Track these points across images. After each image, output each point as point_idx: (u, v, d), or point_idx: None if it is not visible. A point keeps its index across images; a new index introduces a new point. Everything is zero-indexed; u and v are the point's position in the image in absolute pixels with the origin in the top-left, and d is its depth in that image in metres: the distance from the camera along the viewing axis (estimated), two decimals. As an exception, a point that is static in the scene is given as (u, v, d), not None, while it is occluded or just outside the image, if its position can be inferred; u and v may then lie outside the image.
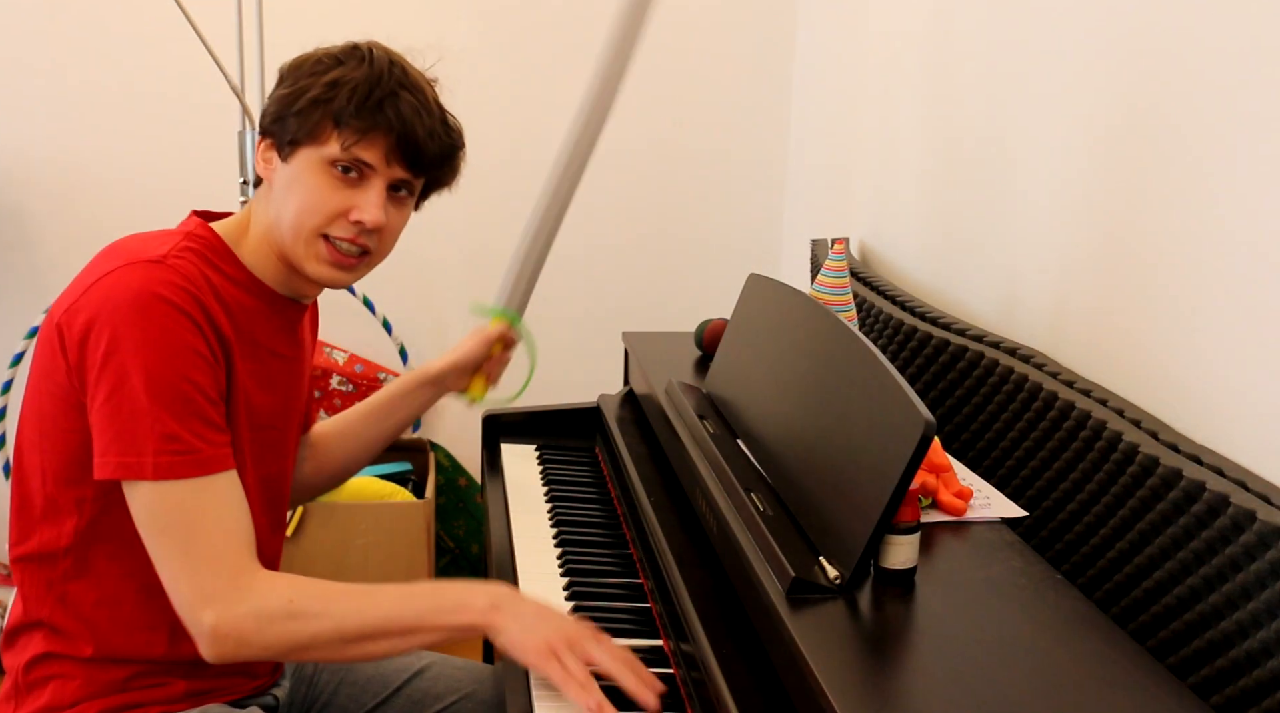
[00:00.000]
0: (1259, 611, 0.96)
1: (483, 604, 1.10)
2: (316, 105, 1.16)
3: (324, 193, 1.18)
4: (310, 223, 1.18)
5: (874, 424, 1.06)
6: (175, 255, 1.12)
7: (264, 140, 1.22)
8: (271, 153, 1.21)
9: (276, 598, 1.08)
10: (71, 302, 1.10)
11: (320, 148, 1.17)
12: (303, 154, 1.18)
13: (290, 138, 1.18)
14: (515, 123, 2.63)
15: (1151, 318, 1.22)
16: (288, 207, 1.18)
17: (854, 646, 0.96)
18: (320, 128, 1.17)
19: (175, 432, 1.06)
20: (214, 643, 1.07)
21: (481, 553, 2.77)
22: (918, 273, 1.88)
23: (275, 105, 1.20)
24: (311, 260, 1.20)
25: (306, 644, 1.09)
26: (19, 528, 1.17)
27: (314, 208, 1.18)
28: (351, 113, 1.16)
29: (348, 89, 1.16)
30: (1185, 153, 1.17)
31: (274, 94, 1.21)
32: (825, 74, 2.51)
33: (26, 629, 1.19)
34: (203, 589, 1.07)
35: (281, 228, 1.19)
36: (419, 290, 2.75)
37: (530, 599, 1.13)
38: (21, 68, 2.53)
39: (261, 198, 1.23)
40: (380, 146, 1.18)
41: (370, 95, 1.16)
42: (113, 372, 1.06)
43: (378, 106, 1.17)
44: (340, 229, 1.19)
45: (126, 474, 1.06)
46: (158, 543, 1.08)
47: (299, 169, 1.18)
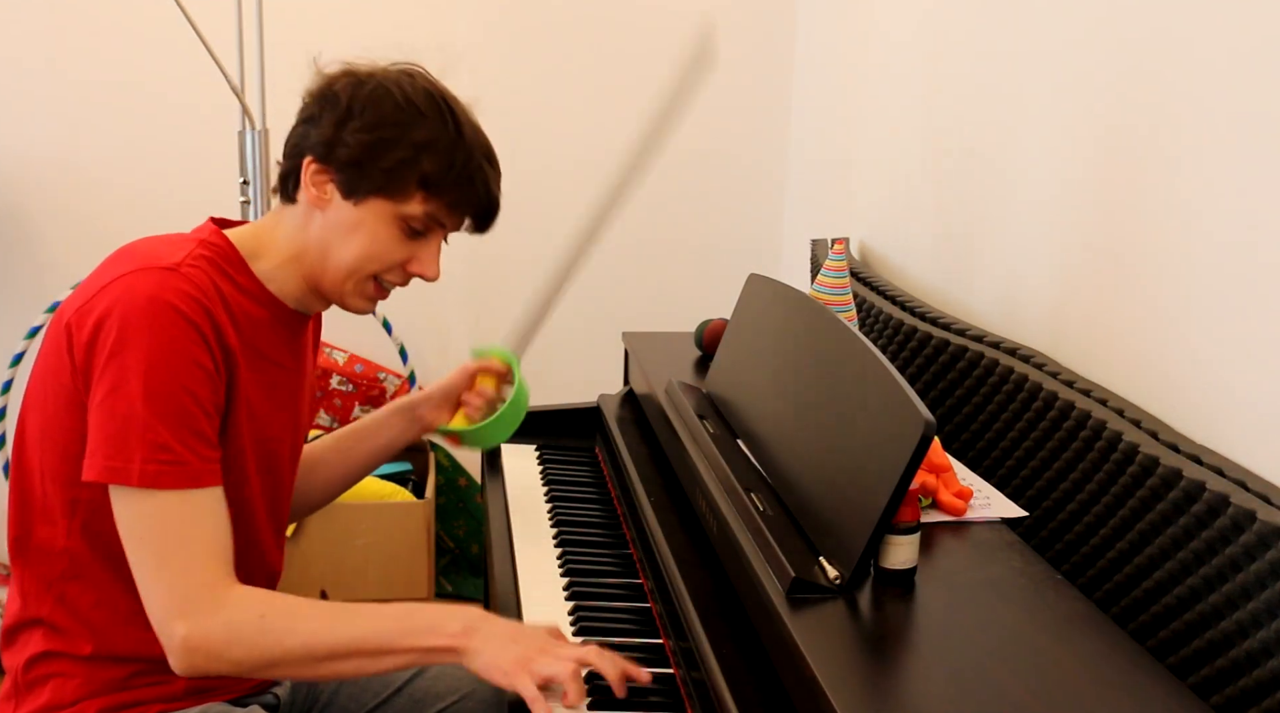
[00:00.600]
0: (1259, 611, 0.96)
1: (455, 628, 1.09)
2: (405, 166, 1.16)
3: (391, 245, 1.20)
4: (369, 269, 1.20)
5: (874, 424, 1.06)
6: (189, 263, 1.12)
7: (321, 167, 1.18)
8: (330, 185, 1.18)
9: (249, 613, 1.07)
10: (83, 302, 1.10)
11: (399, 205, 1.18)
12: (377, 204, 1.18)
13: (369, 188, 1.17)
14: (517, 125, 2.63)
15: (1151, 318, 1.22)
16: (347, 248, 1.19)
17: (854, 646, 0.96)
18: (405, 186, 1.17)
19: (167, 441, 1.06)
20: (184, 655, 1.06)
21: (481, 553, 2.77)
22: (918, 273, 1.88)
23: (355, 150, 1.16)
24: (354, 297, 1.23)
25: (277, 660, 1.08)
26: (18, 526, 1.17)
27: (377, 257, 1.20)
28: (446, 184, 1.18)
29: (443, 158, 1.17)
30: (1185, 153, 1.17)
31: (346, 130, 1.16)
32: (825, 74, 2.51)
33: (26, 628, 1.19)
34: (176, 601, 1.06)
35: (329, 262, 1.20)
36: (419, 290, 2.73)
37: (504, 622, 1.12)
38: (21, 68, 2.53)
39: (297, 218, 1.21)
40: (461, 215, 1.22)
41: (465, 168, 1.19)
42: (114, 373, 1.06)
43: (469, 180, 1.20)
44: (394, 276, 1.23)
45: (112, 478, 1.06)
46: (136, 550, 1.08)
47: (369, 217, 1.18)
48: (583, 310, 2.81)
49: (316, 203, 1.19)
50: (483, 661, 1.07)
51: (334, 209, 1.19)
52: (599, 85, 2.72)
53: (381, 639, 1.09)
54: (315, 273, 1.21)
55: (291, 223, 1.22)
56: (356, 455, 1.48)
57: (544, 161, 2.70)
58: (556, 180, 2.72)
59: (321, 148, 1.18)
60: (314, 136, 1.18)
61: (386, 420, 1.48)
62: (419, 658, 1.10)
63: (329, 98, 1.19)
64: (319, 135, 1.18)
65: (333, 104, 1.18)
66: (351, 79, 1.19)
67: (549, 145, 2.71)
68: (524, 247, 2.29)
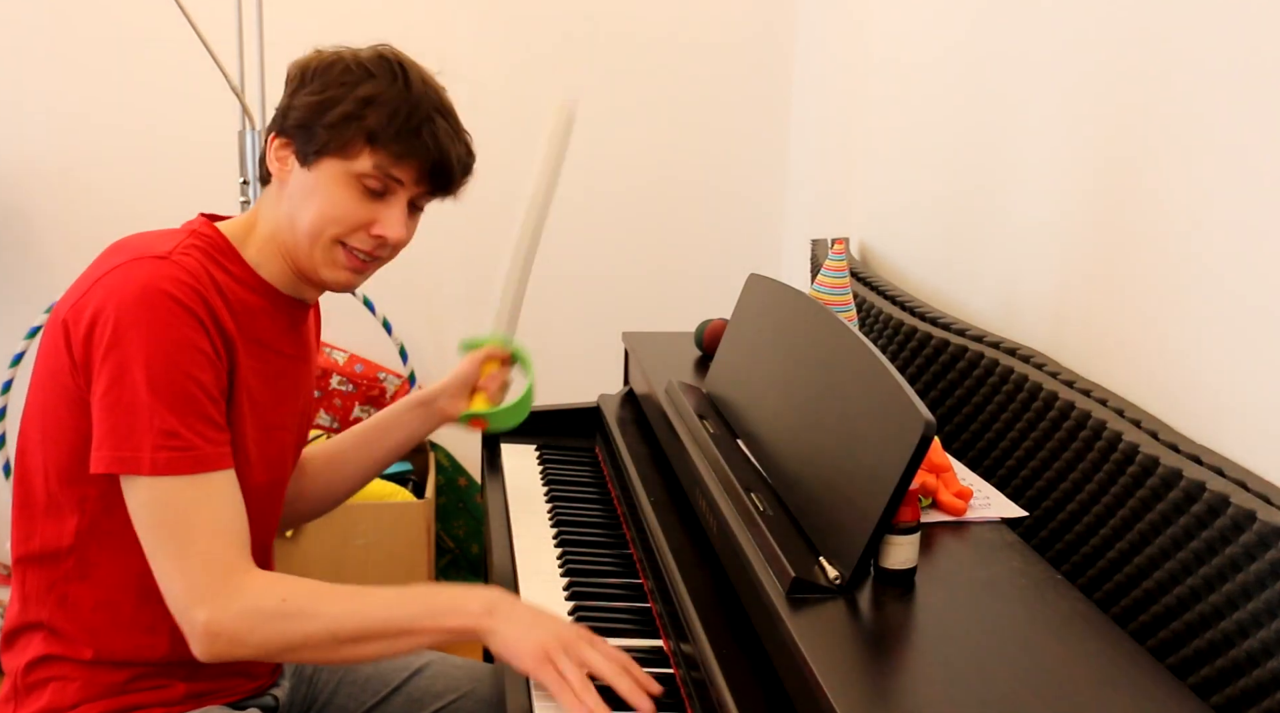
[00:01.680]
0: (1259, 611, 0.96)
1: (477, 608, 1.10)
2: (349, 120, 1.16)
3: (348, 205, 1.18)
4: (330, 232, 1.19)
5: (874, 424, 1.06)
6: (181, 252, 1.12)
7: (280, 139, 1.20)
8: (288, 154, 1.20)
9: (270, 598, 1.08)
10: (77, 298, 1.10)
11: (349, 162, 1.17)
12: (328, 164, 1.17)
13: (317, 147, 1.17)
14: (514, 122, 2.63)
15: (1151, 318, 1.22)
16: (306, 213, 1.18)
17: (854, 646, 0.96)
18: (352, 143, 1.16)
19: (174, 428, 1.06)
20: (207, 641, 1.07)
21: (481, 553, 2.77)
22: (918, 273, 1.88)
23: (302, 112, 1.17)
24: (326, 266, 1.21)
25: (299, 644, 1.09)
26: (21, 528, 1.17)
27: (336, 218, 1.18)
28: (390, 135, 1.16)
29: (386, 109, 1.16)
30: (1185, 153, 1.17)
31: (297, 96, 1.19)
32: (825, 74, 2.51)
33: (26, 631, 1.18)
34: (196, 587, 1.06)
35: (296, 231, 1.19)
36: (419, 290, 2.74)
37: (525, 604, 1.13)
38: (22, 68, 2.53)
39: (270, 198, 1.22)
40: (413, 169, 1.19)
41: (410, 118, 1.17)
42: (114, 364, 1.06)
43: (415, 131, 1.17)
44: (359, 240, 1.20)
45: (123, 468, 1.06)
46: (152, 539, 1.08)
47: (323, 179, 1.18)
48: (583, 310, 2.81)
49: (280, 176, 1.20)
50: (503, 642, 1.08)
51: (294, 178, 1.19)
52: (598, 85, 2.72)
53: (403, 621, 1.10)
54: (289, 249, 1.21)
55: (268, 204, 1.22)
56: (379, 450, 1.49)
57: (544, 161, 2.69)
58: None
59: (278, 119, 1.20)
60: (276, 113, 1.21)
61: (406, 415, 1.48)
62: (440, 638, 1.11)
63: (291, 75, 1.21)
64: (279, 110, 1.21)
65: (291, 78, 1.21)
66: (314, 55, 1.21)
67: (549, 145, 2.70)
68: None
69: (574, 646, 1.06)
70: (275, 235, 1.21)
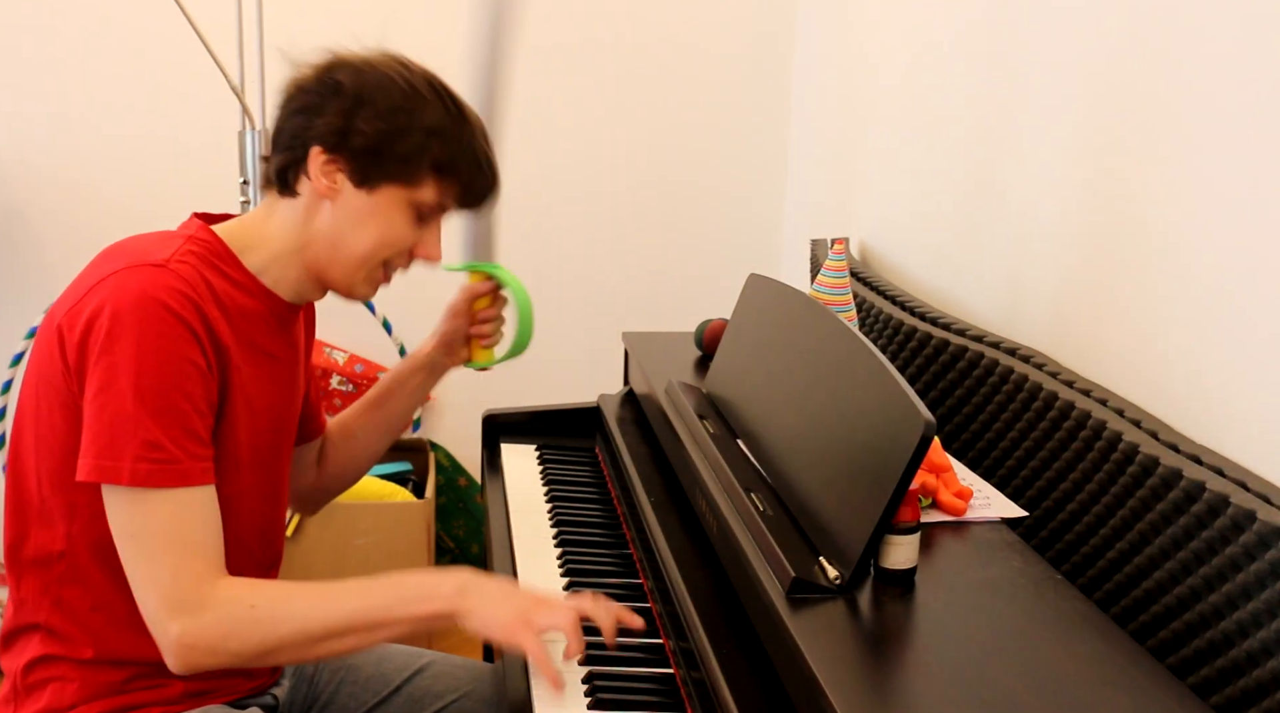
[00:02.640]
0: (1259, 611, 0.96)
1: (448, 591, 1.10)
2: (419, 152, 1.18)
3: (404, 231, 1.21)
4: (382, 256, 1.22)
5: (874, 424, 1.06)
6: (178, 259, 1.12)
7: (330, 157, 1.17)
8: (340, 175, 1.18)
9: (239, 605, 1.08)
10: (73, 303, 1.09)
11: (413, 191, 1.20)
12: (391, 191, 1.19)
13: (384, 175, 1.18)
14: (515, 124, 2.63)
15: (1151, 318, 1.22)
16: (361, 237, 1.19)
17: (854, 646, 0.96)
18: (418, 172, 1.19)
19: (158, 440, 1.06)
20: (181, 653, 1.07)
21: (481, 553, 2.77)
22: (918, 273, 1.88)
23: (370, 139, 1.16)
24: (364, 285, 1.24)
25: (274, 647, 1.09)
26: (14, 531, 1.17)
27: (390, 243, 1.21)
28: (457, 169, 1.20)
29: (452, 142, 1.20)
30: (1186, 153, 1.17)
31: (359, 119, 1.16)
32: (825, 74, 2.51)
33: (24, 632, 1.18)
34: (168, 600, 1.06)
35: (340, 251, 1.20)
36: (419, 290, 2.74)
37: (495, 580, 1.14)
38: (21, 68, 2.53)
39: (297, 210, 1.20)
40: (465, 196, 1.24)
41: (471, 152, 1.21)
42: (104, 371, 1.05)
43: (477, 164, 1.22)
44: (401, 261, 1.25)
45: (103, 477, 1.06)
46: (127, 549, 1.08)
47: (383, 205, 1.19)
48: (583, 310, 2.81)
49: (326, 193, 1.19)
50: (478, 619, 1.09)
51: (345, 198, 1.19)
52: (599, 85, 2.72)
53: (375, 613, 1.10)
54: (321, 264, 1.21)
55: (291, 215, 1.21)
56: (391, 415, 1.49)
57: (542, 162, 2.70)
58: (555, 180, 2.72)
59: (332, 138, 1.17)
60: (320, 127, 1.17)
61: (408, 377, 1.48)
62: (416, 626, 1.11)
63: (330, 86, 1.18)
64: (326, 125, 1.17)
65: (335, 92, 1.17)
66: (348, 67, 1.19)
67: (547, 145, 2.71)
68: (524, 246, 2.29)
69: (546, 608, 1.09)
70: (302, 248, 1.21)
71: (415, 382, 1.48)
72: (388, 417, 1.49)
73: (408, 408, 1.50)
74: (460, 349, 1.49)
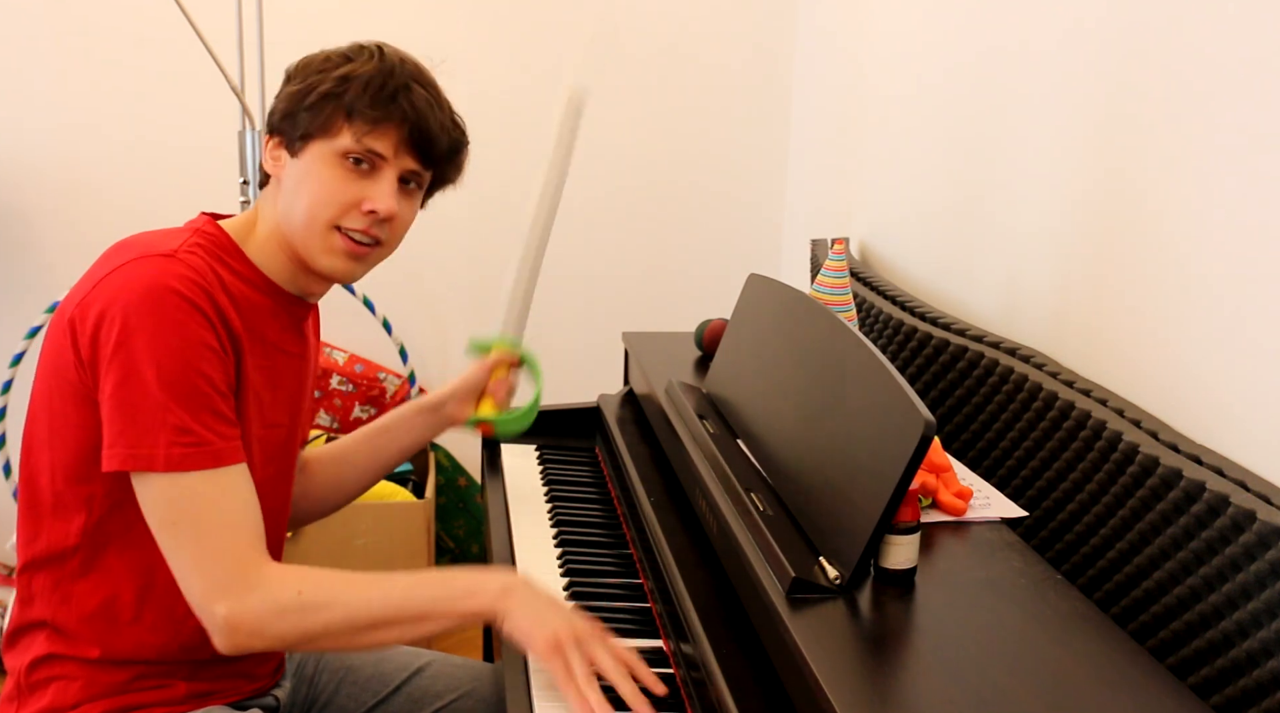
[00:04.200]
0: (1259, 611, 0.96)
1: (495, 590, 1.11)
2: (328, 99, 1.17)
3: (336, 184, 1.18)
4: (324, 215, 1.19)
5: (874, 424, 1.06)
6: (186, 250, 1.13)
7: (272, 138, 1.22)
8: (280, 150, 1.21)
9: (287, 589, 1.09)
10: (83, 296, 1.10)
11: (332, 140, 1.18)
12: (314, 148, 1.18)
13: (301, 133, 1.18)
14: (514, 121, 2.64)
15: (1152, 318, 1.22)
16: (299, 201, 1.19)
17: (854, 646, 0.96)
18: (332, 121, 1.18)
19: (187, 424, 1.07)
20: (227, 634, 1.08)
21: (481, 553, 2.77)
22: (918, 273, 1.88)
23: (284, 103, 1.20)
24: (325, 253, 1.20)
25: (318, 634, 1.10)
26: (28, 529, 1.17)
27: (326, 200, 1.18)
28: (365, 104, 1.17)
29: (360, 81, 1.18)
30: (1186, 153, 1.17)
31: (282, 92, 1.22)
32: (826, 74, 2.51)
33: (29, 630, 1.19)
34: (215, 582, 1.07)
35: (293, 222, 1.20)
36: (419, 290, 2.75)
37: (541, 589, 1.14)
38: (22, 68, 2.53)
39: (269, 196, 1.23)
40: (393, 137, 1.19)
41: (384, 86, 1.18)
42: (123, 362, 1.06)
43: (391, 97, 1.18)
44: (353, 220, 1.20)
45: (137, 465, 1.07)
46: (168, 535, 1.09)
47: (310, 163, 1.19)
48: (583, 310, 2.81)
49: (274, 171, 1.22)
50: (516, 625, 1.10)
51: (286, 171, 1.21)
52: (599, 86, 2.72)
53: (421, 606, 1.11)
54: (292, 240, 1.21)
55: (267, 202, 1.24)
56: (385, 453, 1.50)
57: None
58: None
59: (270, 118, 1.23)
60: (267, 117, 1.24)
61: (413, 419, 1.49)
62: (457, 622, 1.13)
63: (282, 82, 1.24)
64: (269, 112, 1.23)
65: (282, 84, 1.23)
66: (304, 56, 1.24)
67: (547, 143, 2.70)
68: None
69: (585, 641, 1.08)
70: (276, 231, 1.22)
71: (417, 422, 1.49)
72: (383, 451, 1.49)
73: (403, 446, 1.50)
74: (468, 404, 1.51)
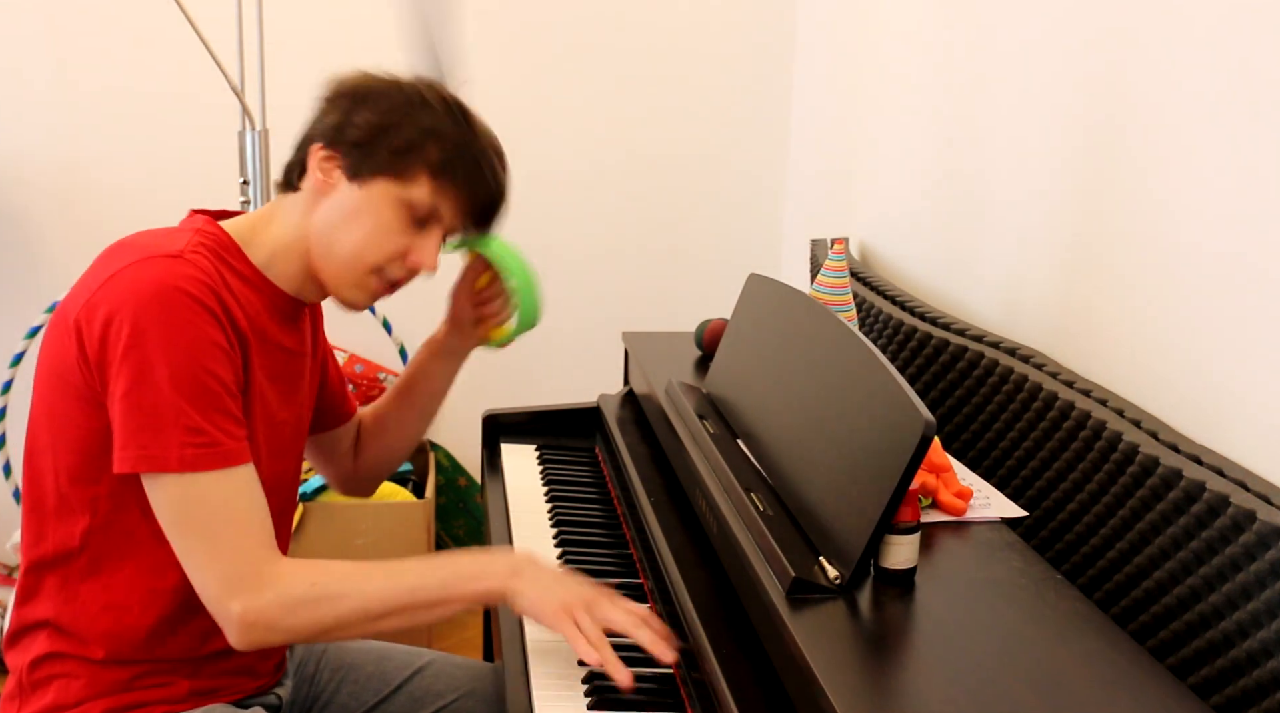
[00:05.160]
0: (1259, 611, 0.96)
1: (503, 571, 1.13)
2: (412, 147, 1.17)
3: (392, 232, 1.19)
4: (370, 259, 1.19)
5: (874, 424, 1.06)
6: (192, 251, 1.13)
7: (329, 151, 1.19)
8: (335, 168, 1.19)
9: (300, 584, 1.10)
10: (88, 297, 1.09)
11: (405, 187, 1.18)
12: (382, 186, 1.18)
13: (375, 167, 1.18)
14: (514, 122, 2.63)
15: (1152, 318, 1.22)
16: (349, 233, 1.18)
17: (854, 646, 0.96)
18: (412, 169, 1.18)
19: (199, 424, 1.07)
20: (243, 631, 1.09)
21: (481, 553, 2.77)
22: (918, 273, 1.88)
23: (363, 130, 1.17)
24: (353, 289, 1.22)
25: (332, 625, 1.11)
26: (32, 530, 1.17)
27: (379, 245, 1.19)
28: (453, 171, 1.18)
29: (450, 143, 1.18)
30: (1186, 153, 1.17)
31: (356, 114, 1.18)
32: (825, 74, 2.51)
33: (32, 628, 1.19)
34: (228, 580, 1.08)
35: (333, 249, 1.19)
36: (419, 291, 2.74)
37: (548, 566, 1.16)
38: (21, 69, 2.53)
39: (298, 204, 1.21)
40: (464, 205, 1.22)
41: (472, 158, 1.20)
42: (134, 364, 1.06)
43: (477, 170, 1.20)
44: (395, 270, 1.22)
45: (150, 466, 1.07)
46: (181, 535, 1.09)
47: (373, 199, 1.18)
48: (583, 310, 2.81)
49: (322, 188, 1.19)
50: (527, 601, 1.12)
51: (339, 193, 1.19)
52: (599, 84, 2.72)
53: (432, 591, 1.13)
54: (317, 261, 1.21)
55: (293, 210, 1.22)
56: (419, 403, 1.49)
57: (543, 162, 2.70)
58: (555, 180, 2.72)
59: (330, 132, 1.19)
60: (321, 124, 1.21)
61: (428, 364, 1.48)
62: (469, 604, 1.15)
63: (342, 91, 1.21)
64: (328, 122, 1.20)
65: (344, 94, 1.21)
66: (364, 74, 1.22)
67: (548, 146, 2.71)
68: (523, 246, 2.28)
69: (595, 603, 1.11)
70: (299, 241, 1.21)
71: (436, 367, 1.47)
72: (416, 405, 1.49)
73: (436, 392, 1.49)
74: (472, 331, 1.46)
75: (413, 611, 1.12)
